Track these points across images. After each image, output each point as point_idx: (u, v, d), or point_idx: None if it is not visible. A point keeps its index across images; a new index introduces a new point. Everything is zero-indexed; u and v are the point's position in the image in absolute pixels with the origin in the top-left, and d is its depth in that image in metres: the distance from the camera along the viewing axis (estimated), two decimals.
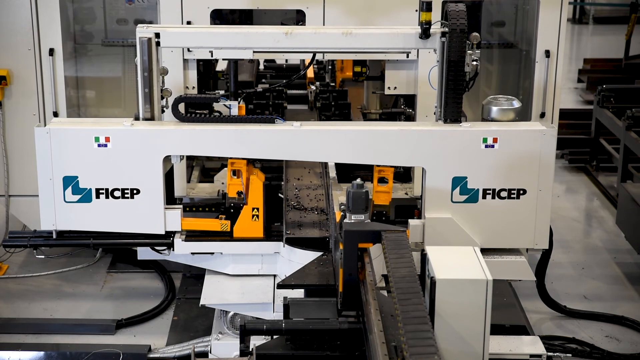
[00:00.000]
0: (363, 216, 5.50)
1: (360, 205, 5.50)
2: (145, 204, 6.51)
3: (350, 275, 5.28)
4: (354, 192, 5.53)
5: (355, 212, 5.50)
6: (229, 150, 6.53)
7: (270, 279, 6.89)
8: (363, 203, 5.50)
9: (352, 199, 5.51)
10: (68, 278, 8.42)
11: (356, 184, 5.57)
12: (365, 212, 5.50)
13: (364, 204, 5.50)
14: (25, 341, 7.37)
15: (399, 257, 4.93)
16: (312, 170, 7.99)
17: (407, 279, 4.66)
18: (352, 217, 5.50)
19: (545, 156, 6.38)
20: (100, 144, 6.39)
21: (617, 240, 9.48)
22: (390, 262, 4.89)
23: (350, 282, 5.29)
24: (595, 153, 11.71)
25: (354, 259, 5.29)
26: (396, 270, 4.79)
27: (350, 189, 5.55)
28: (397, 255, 4.95)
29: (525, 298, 8.04)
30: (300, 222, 6.92)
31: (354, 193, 5.53)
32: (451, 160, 6.38)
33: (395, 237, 5.18)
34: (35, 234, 6.98)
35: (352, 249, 5.29)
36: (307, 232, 6.75)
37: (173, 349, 7.20)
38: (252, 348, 4.91)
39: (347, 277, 5.29)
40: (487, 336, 4.64)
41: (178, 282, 8.35)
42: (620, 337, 7.59)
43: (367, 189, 5.55)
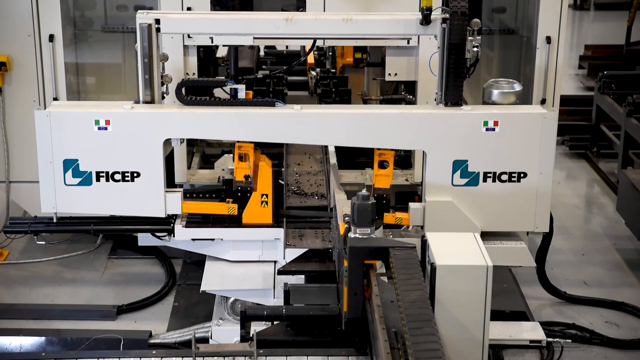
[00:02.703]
0: (369, 230, 5.11)
1: (366, 218, 5.11)
2: (145, 187, 6.51)
3: (356, 294, 4.98)
4: (359, 204, 5.12)
5: (360, 225, 5.11)
6: (229, 133, 6.52)
7: (271, 265, 6.90)
8: (369, 216, 5.12)
9: (358, 211, 5.11)
10: (69, 264, 8.43)
11: (361, 195, 5.15)
12: (372, 226, 5.12)
13: (370, 217, 5.12)
14: (26, 327, 7.38)
15: (409, 278, 4.59)
16: (313, 155, 7.99)
17: (418, 304, 4.34)
18: (358, 230, 5.12)
19: (546, 139, 6.38)
20: (101, 127, 6.39)
21: (617, 226, 9.49)
22: (399, 284, 4.56)
23: (356, 301, 4.99)
24: (596, 139, 11.70)
25: (360, 276, 4.97)
26: (405, 293, 4.46)
27: (356, 200, 5.14)
28: (406, 276, 4.61)
29: (525, 284, 8.05)
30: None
31: (359, 205, 5.12)
32: (452, 144, 6.38)
33: (404, 255, 4.82)
34: (35, 220, 6.99)
35: (357, 266, 4.95)
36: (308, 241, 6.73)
37: (174, 334, 7.22)
38: (253, 334, 4.92)
39: (352, 296, 4.99)
40: (487, 322, 4.65)
41: (178, 268, 8.36)
42: (620, 323, 7.60)
43: (373, 201, 5.15)
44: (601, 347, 7.21)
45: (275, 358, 4.83)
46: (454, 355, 4.59)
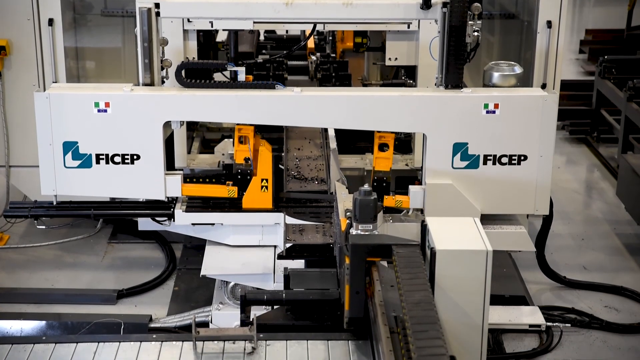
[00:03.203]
0: (371, 226, 4.98)
1: (368, 214, 4.97)
2: (145, 170, 6.51)
3: (358, 293, 4.84)
4: (361, 199, 4.96)
5: (363, 221, 4.97)
6: (229, 115, 6.52)
7: (271, 249, 6.91)
8: (371, 212, 4.97)
9: (360, 207, 4.96)
10: (69, 248, 8.44)
11: (363, 190, 5.00)
12: (374, 222, 4.98)
13: (372, 213, 4.97)
14: (27, 311, 7.40)
15: (413, 278, 4.43)
16: (313, 140, 7.99)
17: (423, 306, 4.17)
18: (360, 227, 4.98)
19: (547, 122, 6.38)
20: (100, 110, 6.38)
21: (617, 211, 9.49)
22: (403, 284, 4.40)
23: (358, 299, 4.85)
24: (596, 124, 11.69)
25: (362, 274, 4.83)
26: (409, 294, 4.28)
27: (357, 195, 4.99)
28: (410, 275, 4.46)
29: (525, 269, 8.07)
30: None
31: (361, 201, 4.96)
32: (452, 126, 6.37)
33: (407, 253, 4.66)
34: (36, 205, 7.00)
35: (359, 264, 4.81)
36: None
37: (174, 318, 7.24)
38: (253, 318, 4.93)
39: (354, 295, 4.84)
40: (486, 306, 4.65)
41: (179, 253, 8.37)
42: (619, 307, 7.61)
43: (375, 196, 4.99)
44: (600, 332, 7.23)
45: (275, 342, 4.84)
46: (454, 340, 4.59)
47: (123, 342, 4.84)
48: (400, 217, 6.96)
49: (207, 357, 4.71)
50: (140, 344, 4.81)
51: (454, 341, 4.58)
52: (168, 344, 4.83)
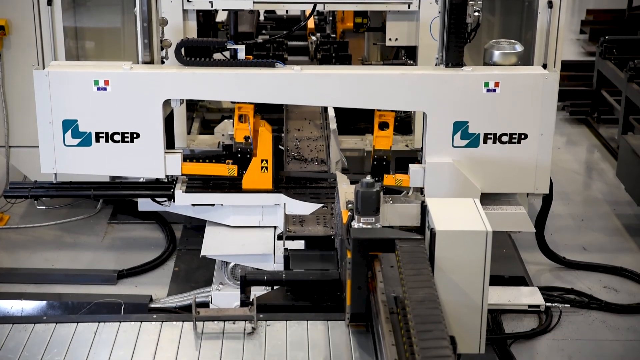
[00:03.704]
0: (374, 219, 4.84)
1: (370, 206, 4.83)
2: (145, 148, 6.50)
3: (360, 288, 4.70)
4: (363, 191, 4.82)
5: (365, 214, 4.83)
6: (229, 94, 6.50)
7: (271, 230, 6.92)
8: (374, 204, 4.83)
9: (362, 199, 4.82)
10: (69, 229, 8.44)
11: (365, 182, 4.85)
12: (377, 214, 4.84)
13: (374, 205, 4.83)
14: (27, 291, 7.42)
15: (416, 274, 4.29)
16: (313, 121, 7.98)
17: (427, 304, 4.02)
18: (362, 219, 4.85)
19: (547, 100, 6.36)
20: (100, 88, 6.37)
21: (617, 192, 9.50)
22: (406, 280, 4.25)
23: (360, 294, 4.72)
24: (597, 105, 11.66)
25: (364, 269, 4.69)
26: (413, 291, 4.13)
27: (360, 187, 4.84)
28: (413, 272, 4.32)
29: (525, 249, 8.08)
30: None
31: (363, 193, 4.82)
32: (452, 105, 6.36)
33: (411, 248, 4.51)
34: (35, 185, 6.99)
35: (361, 259, 4.67)
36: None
37: (174, 299, 7.25)
38: (253, 298, 4.94)
39: (356, 290, 4.70)
40: (486, 287, 4.66)
41: (179, 234, 8.38)
42: (618, 288, 7.63)
43: (378, 187, 4.86)
44: (599, 312, 7.25)
45: (275, 322, 4.85)
46: (453, 320, 4.61)
47: (123, 322, 4.85)
48: (400, 198, 6.96)
49: (207, 337, 4.73)
50: (140, 324, 4.83)
51: (454, 321, 4.59)
52: (168, 324, 4.84)
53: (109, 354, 4.58)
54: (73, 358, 4.54)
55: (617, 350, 6.77)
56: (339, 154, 7.37)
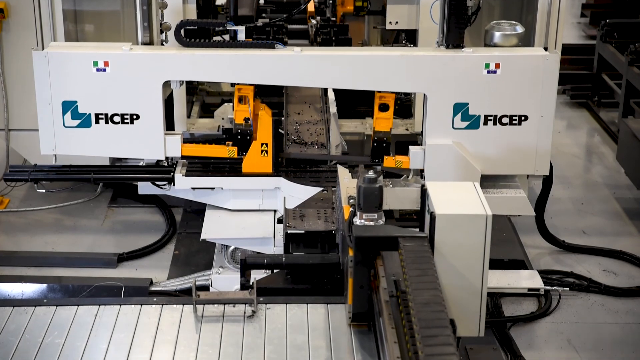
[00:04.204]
0: (376, 215, 4.67)
1: (373, 202, 4.65)
2: (145, 130, 6.50)
3: (362, 287, 4.57)
4: (365, 187, 4.65)
5: (367, 210, 4.66)
6: (228, 75, 6.49)
7: (271, 214, 6.92)
8: (376, 200, 4.66)
9: (364, 195, 4.65)
10: (69, 212, 8.45)
11: (368, 177, 4.67)
12: (379, 211, 4.67)
13: (377, 201, 4.66)
14: (28, 274, 7.43)
15: (421, 275, 4.11)
16: (313, 105, 7.97)
17: (432, 307, 3.84)
18: (364, 216, 4.67)
19: (548, 82, 6.36)
20: (99, 69, 6.36)
21: (616, 175, 9.50)
22: (411, 282, 4.07)
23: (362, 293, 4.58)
24: (597, 88, 11.65)
25: (366, 268, 4.57)
26: (417, 292, 3.95)
27: (362, 183, 4.67)
28: (418, 272, 4.14)
29: (525, 233, 8.08)
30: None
31: (365, 189, 4.65)
32: (453, 86, 6.35)
33: (415, 247, 4.35)
34: (35, 168, 7.00)
35: (363, 257, 4.54)
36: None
37: (174, 282, 7.26)
38: (253, 282, 4.95)
39: (358, 289, 4.56)
40: (486, 270, 4.67)
41: (179, 217, 8.38)
42: (617, 271, 7.64)
43: (380, 183, 4.69)
44: (599, 295, 7.26)
45: (275, 306, 4.86)
46: (453, 304, 4.62)
47: (124, 305, 4.87)
48: (400, 181, 6.97)
49: (207, 320, 4.74)
50: (140, 307, 4.84)
51: (453, 305, 4.60)
52: (168, 307, 4.85)
53: (109, 336, 4.59)
54: (73, 341, 4.56)
55: (616, 333, 6.79)
56: (339, 137, 7.37)
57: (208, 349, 4.50)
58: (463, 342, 5.35)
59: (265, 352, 4.47)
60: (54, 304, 4.87)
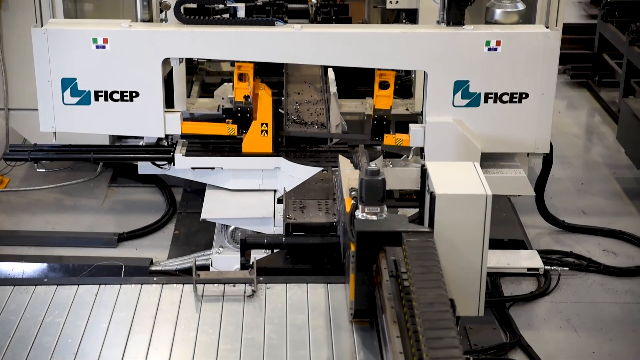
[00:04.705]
0: (379, 208, 4.49)
1: (375, 195, 4.47)
2: (144, 107, 6.49)
3: (364, 283, 4.42)
4: (367, 180, 4.47)
5: (369, 203, 4.48)
6: (228, 52, 6.47)
7: (271, 194, 6.93)
8: (379, 193, 4.48)
9: (366, 188, 4.47)
10: (69, 192, 8.45)
11: (370, 170, 4.50)
12: (382, 204, 4.50)
13: (380, 195, 4.48)
14: (28, 253, 7.44)
15: (426, 272, 3.95)
16: (313, 84, 7.95)
17: (437, 307, 3.67)
18: (366, 209, 4.49)
19: (549, 59, 6.34)
20: (99, 46, 6.34)
21: (617, 155, 9.49)
22: (415, 279, 3.90)
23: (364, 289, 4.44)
24: (598, 68, 11.61)
25: (369, 263, 4.41)
26: (422, 292, 3.78)
27: (364, 176, 4.49)
28: (422, 269, 3.98)
29: (524, 213, 8.09)
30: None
31: (367, 181, 4.47)
32: (453, 64, 6.34)
33: (420, 242, 4.20)
34: (35, 148, 6.99)
35: (366, 252, 4.39)
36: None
37: (174, 262, 7.28)
38: (253, 262, 4.95)
39: (360, 285, 4.41)
40: (485, 250, 4.68)
41: (179, 197, 8.39)
42: (617, 251, 7.66)
43: (383, 175, 4.52)
44: (598, 275, 7.28)
45: (275, 285, 4.87)
46: (453, 283, 4.63)
47: (124, 284, 4.87)
48: (400, 161, 6.96)
49: (207, 300, 4.75)
50: (141, 287, 4.85)
51: (453, 285, 4.61)
52: (169, 287, 4.86)
53: (109, 315, 4.61)
54: (74, 320, 4.57)
55: (615, 312, 6.81)
56: (339, 117, 7.36)
57: (208, 328, 4.52)
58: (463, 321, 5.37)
59: (265, 331, 4.49)
60: (54, 283, 4.88)
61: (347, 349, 4.33)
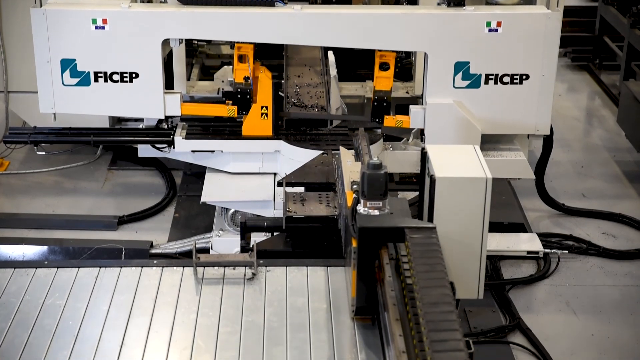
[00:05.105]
0: (381, 203, 4.36)
1: (378, 190, 4.35)
2: (144, 88, 6.48)
3: (366, 279, 4.32)
4: (369, 174, 4.34)
5: (371, 198, 4.36)
6: (228, 33, 6.45)
7: (271, 177, 6.93)
8: (382, 187, 4.36)
9: (368, 182, 4.35)
10: (69, 175, 8.45)
11: (372, 163, 4.36)
12: (384, 198, 4.37)
13: (382, 189, 4.36)
14: (28, 236, 7.45)
15: (430, 270, 3.83)
16: (313, 67, 7.93)
17: (441, 307, 3.56)
18: (368, 204, 4.37)
19: (550, 40, 6.32)
20: (98, 26, 6.32)
21: (617, 138, 9.49)
22: (418, 278, 3.78)
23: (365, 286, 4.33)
24: (599, 51, 11.59)
25: (370, 259, 4.31)
26: (426, 291, 3.66)
27: (366, 170, 4.36)
28: (426, 267, 3.85)
29: (524, 196, 8.09)
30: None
31: (369, 175, 4.34)
32: (454, 45, 6.32)
33: (423, 239, 4.07)
34: (35, 131, 6.98)
35: (368, 249, 4.28)
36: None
37: (174, 245, 7.28)
38: (253, 244, 4.96)
39: (362, 281, 4.32)
40: (485, 233, 4.68)
41: (179, 180, 8.38)
42: (616, 234, 7.66)
43: (386, 169, 4.37)
44: (597, 258, 7.28)
45: (275, 268, 4.88)
46: (453, 266, 4.63)
47: (124, 267, 4.88)
48: (400, 144, 6.96)
49: (207, 283, 4.76)
50: (141, 269, 4.86)
51: (453, 267, 4.62)
52: (169, 270, 4.87)
53: (110, 298, 4.61)
54: (74, 302, 4.58)
55: (615, 295, 6.82)
56: (339, 100, 7.35)
57: (208, 311, 4.53)
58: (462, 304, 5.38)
59: (265, 314, 4.50)
60: (54, 266, 4.89)
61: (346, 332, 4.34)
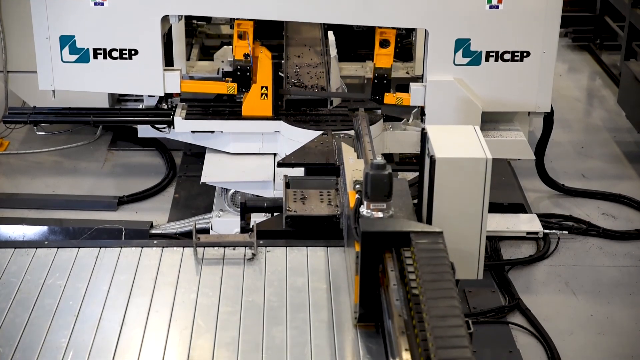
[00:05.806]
0: (385, 205, 4.20)
1: (381, 191, 4.18)
2: (143, 65, 6.46)
3: (369, 285, 4.14)
4: (373, 174, 4.15)
5: (375, 199, 4.19)
6: (227, 9, 6.43)
7: (271, 157, 6.92)
8: (385, 188, 4.18)
9: (372, 183, 4.17)
10: (69, 155, 8.44)
11: (376, 163, 4.17)
12: (388, 200, 4.20)
13: (386, 190, 4.18)
14: (28, 216, 7.45)
15: (437, 280, 3.61)
16: (313, 48, 7.91)
17: (449, 321, 3.34)
18: (371, 206, 4.20)
19: (551, 17, 6.30)
20: (97, 2, 6.30)
21: (617, 119, 9.48)
22: (425, 288, 3.57)
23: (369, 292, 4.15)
24: (599, 31, 11.56)
25: (374, 264, 4.11)
26: (433, 302, 3.45)
27: (369, 170, 4.17)
28: (433, 276, 3.63)
29: (524, 177, 8.09)
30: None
31: (373, 176, 4.16)
32: (454, 22, 6.30)
33: (430, 245, 3.86)
34: (35, 110, 6.97)
35: (371, 254, 4.09)
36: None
37: (174, 225, 7.29)
38: (253, 225, 4.96)
39: (365, 287, 4.14)
40: (485, 214, 4.68)
41: (179, 160, 8.38)
42: (616, 215, 7.67)
43: (389, 170, 4.18)
44: (597, 239, 7.30)
45: (275, 249, 4.88)
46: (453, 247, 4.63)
47: (124, 247, 4.89)
48: (400, 125, 6.95)
49: (207, 263, 4.77)
50: (141, 250, 4.86)
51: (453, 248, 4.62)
52: (169, 250, 4.87)
53: (110, 278, 4.62)
54: (75, 282, 4.59)
55: (614, 276, 6.83)
56: (339, 80, 7.33)
57: (208, 291, 4.53)
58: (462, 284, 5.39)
59: (265, 294, 4.51)
60: (55, 246, 4.89)
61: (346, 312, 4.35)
